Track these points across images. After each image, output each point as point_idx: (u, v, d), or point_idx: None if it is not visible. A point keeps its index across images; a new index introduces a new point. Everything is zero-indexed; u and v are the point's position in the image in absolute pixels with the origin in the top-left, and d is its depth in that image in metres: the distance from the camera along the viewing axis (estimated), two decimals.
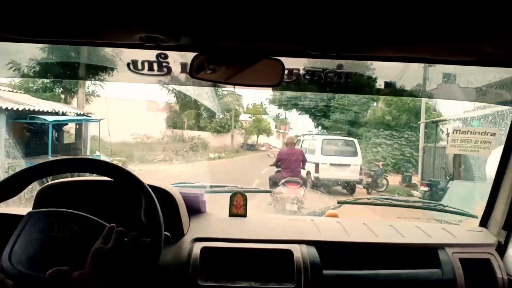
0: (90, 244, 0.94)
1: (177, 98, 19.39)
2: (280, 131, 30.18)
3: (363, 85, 1.44)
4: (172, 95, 18.81)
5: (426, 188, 8.55)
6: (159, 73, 1.19)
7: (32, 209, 1.28)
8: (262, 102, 22.38)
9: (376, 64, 1.33)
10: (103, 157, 8.82)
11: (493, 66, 1.31)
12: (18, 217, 1.07)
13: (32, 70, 1.69)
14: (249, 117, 23.08)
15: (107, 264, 0.87)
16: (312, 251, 1.33)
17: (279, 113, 25.44)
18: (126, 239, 0.92)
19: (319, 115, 17.08)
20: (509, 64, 1.23)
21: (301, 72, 1.19)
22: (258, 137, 23.61)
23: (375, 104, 15.40)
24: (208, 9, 0.87)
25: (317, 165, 9.48)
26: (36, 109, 8.00)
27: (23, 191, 1.05)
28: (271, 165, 6.93)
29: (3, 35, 1.05)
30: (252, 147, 21.87)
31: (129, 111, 16.37)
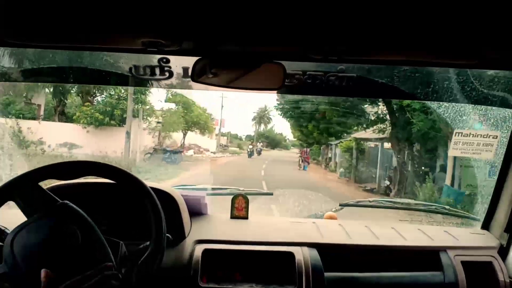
0: (84, 257, 0.94)
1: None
2: (213, 127, 21.24)
3: (366, 89, 1.44)
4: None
5: None
6: (161, 77, 1.20)
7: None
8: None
9: (379, 67, 1.34)
10: None
11: (494, 69, 1.31)
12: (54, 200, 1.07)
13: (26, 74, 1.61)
14: (165, 100, 12.64)
15: None
16: (313, 254, 1.33)
17: (203, 107, 16.76)
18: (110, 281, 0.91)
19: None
20: (510, 67, 1.23)
21: (303, 76, 1.19)
22: (185, 135, 13.98)
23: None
24: (209, 14, 0.87)
25: None
26: None
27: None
28: None
29: (6, 40, 1.06)
30: (173, 156, 11.23)
31: None
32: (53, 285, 0.86)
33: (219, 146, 21.71)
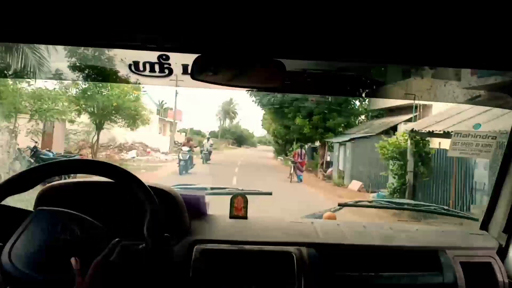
0: (89, 250, 0.94)
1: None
2: (166, 119, 18.30)
3: (366, 88, 1.44)
4: None
5: None
6: (161, 74, 1.19)
7: (33, 209, 1.28)
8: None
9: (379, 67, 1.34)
10: None
11: (494, 69, 1.31)
12: (26, 213, 1.07)
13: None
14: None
15: (107, 277, 0.88)
16: (312, 254, 1.33)
17: (162, 101, 12.92)
18: (130, 253, 0.94)
19: None
20: (510, 68, 1.23)
21: (303, 74, 1.19)
22: (99, 129, 9.26)
23: None
24: (210, 11, 0.87)
25: None
26: None
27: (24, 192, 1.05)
28: None
29: (4, 36, 1.06)
30: None
31: None
32: (85, 269, 0.89)
33: (173, 145, 16.29)
